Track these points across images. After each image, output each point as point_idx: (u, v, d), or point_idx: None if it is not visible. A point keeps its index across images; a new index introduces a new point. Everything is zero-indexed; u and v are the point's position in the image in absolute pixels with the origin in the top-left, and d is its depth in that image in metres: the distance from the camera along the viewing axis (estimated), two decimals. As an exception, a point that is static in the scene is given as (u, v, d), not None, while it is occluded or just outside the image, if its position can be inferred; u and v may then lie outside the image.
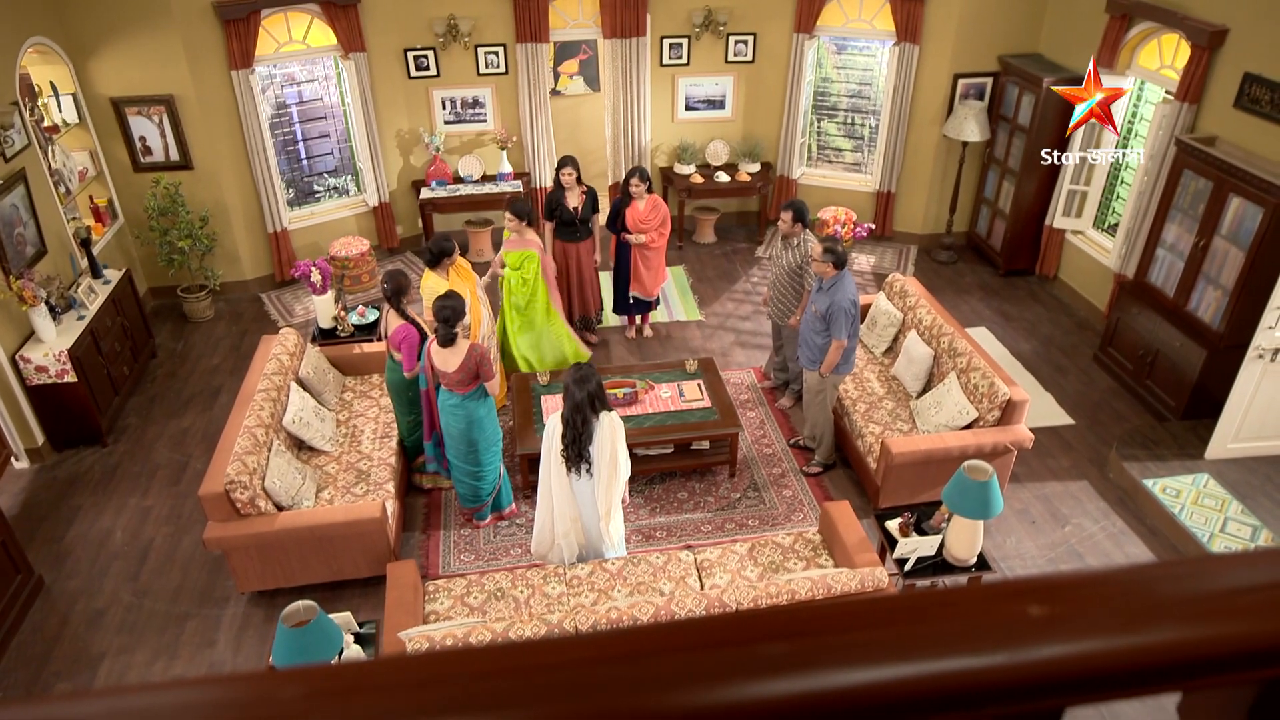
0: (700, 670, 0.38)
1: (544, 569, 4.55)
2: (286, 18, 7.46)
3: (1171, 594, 0.44)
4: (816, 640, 0.40)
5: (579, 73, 9.52)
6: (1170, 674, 0.42)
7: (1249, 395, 5.37)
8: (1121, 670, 0.41)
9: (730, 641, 0.40)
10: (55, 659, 4.60)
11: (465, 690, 0.41)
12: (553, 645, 0.41)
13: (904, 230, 8.86)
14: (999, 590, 0.44)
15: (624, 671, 0.39)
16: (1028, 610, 0.42)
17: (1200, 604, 0.43)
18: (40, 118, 6.66)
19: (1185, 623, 0.42)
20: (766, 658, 0.39)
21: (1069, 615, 0.42)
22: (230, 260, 7.86)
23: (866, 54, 8.47)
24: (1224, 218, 5.62)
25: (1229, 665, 0.43)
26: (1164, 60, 6.60)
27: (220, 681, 0.41)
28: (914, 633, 0.41)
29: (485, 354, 4.75)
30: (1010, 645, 0.40)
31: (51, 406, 5.91)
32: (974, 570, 4.45)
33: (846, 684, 0.38)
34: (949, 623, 0.41)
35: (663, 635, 0.40)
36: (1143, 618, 0.42)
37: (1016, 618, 0.42)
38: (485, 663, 0.43)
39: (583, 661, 0.39)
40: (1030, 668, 0.40)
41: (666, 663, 0.39)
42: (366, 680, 0.42)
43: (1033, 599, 0.43)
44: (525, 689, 0.41)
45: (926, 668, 0.39)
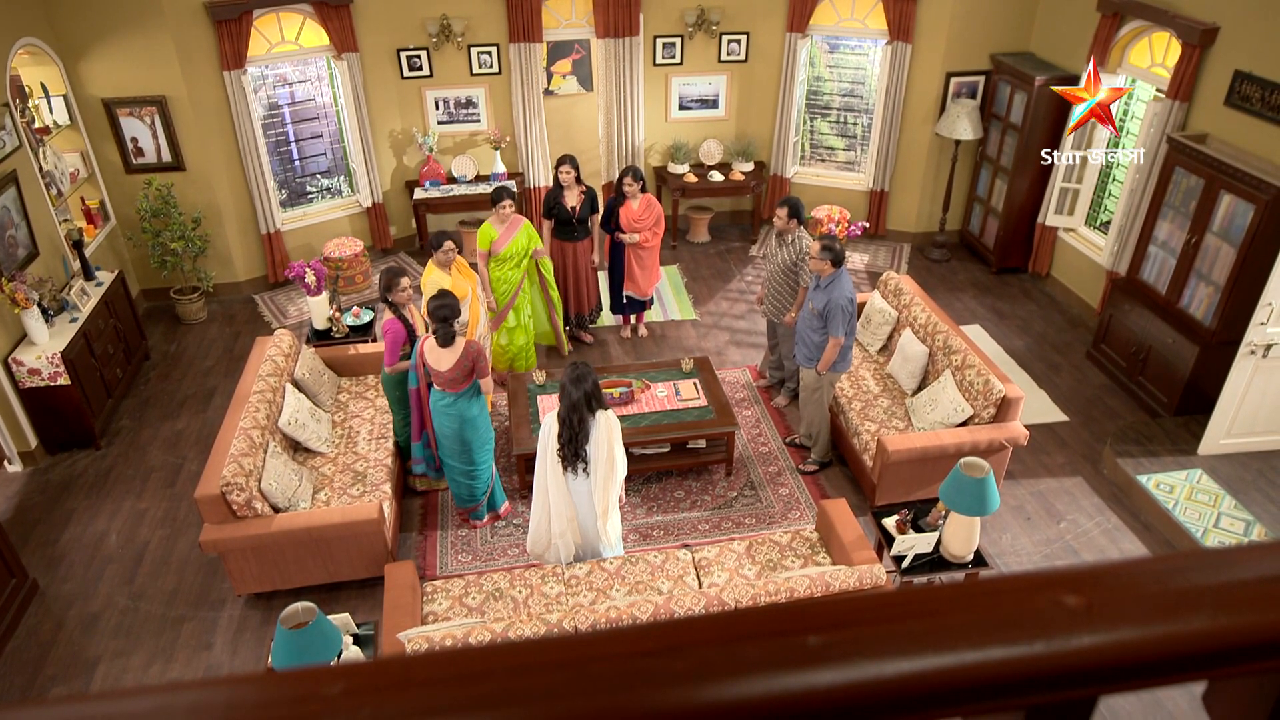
0: (738, 662, 0.38)
1: (542, 569, 4.54)
2: (278, 18, 7.43)
3: (1204, 582, 0.44)
4: (855, 631, 0.40)
5: (572, 72, 9.50)
6: (1203, 662, 0.42)
7: (1241, 391, 5.40)
8: (1156, 658, 0.42)
9: (771, 633, 0.40)
10: (50, 663, 4.57)
11: (497, 687, 0.41)
12: (558, 644, 0.42)
13: (897, 229, 8.89)
14: (1035, 580, 0.45)
15: (658, 664, 0.39)
16: (1064, 600, 0.42)
17: (1233, 592, 0.44)
18: (31, 119, 6.62)
19: (1218, 611, 0.43)
20: (807, 649, 0.39)
21: (1104, 604, 0.42)
22: (223, 262, 7.82)
23: (859, 53, 8.49)
24: (1215, 215, 5.66)
25: (1262, 653, 0.43)
26: (1155, 59, 6.63)
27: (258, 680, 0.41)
28: (953, 623, 0.41)
29: (481, 351, 4.75)
30: (1048, 635, 0.41)
31: (44, 409, 5.88)
32: (971, 567, 4.47)
33: (887, 675, 0.38)
34: (987, 612, 0.42)
35: (701, 627, 0.40)
36: (1177, 606, 0.43)
37: (1053, 607, 0.42)
38: (516, 658, 0.43)
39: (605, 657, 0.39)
40: (1068, 657, 0.41)
41: (709, 654, 0.39)
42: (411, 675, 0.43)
43: (1068, 589, 0.43)
44: (537, 687, 0.41)
45: (966, 657, 0.40)
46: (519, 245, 6.09)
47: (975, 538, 4.39)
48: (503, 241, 6.07)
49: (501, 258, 6.09)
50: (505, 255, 6.08)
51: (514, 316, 6.29)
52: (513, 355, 6.40)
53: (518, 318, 6.31)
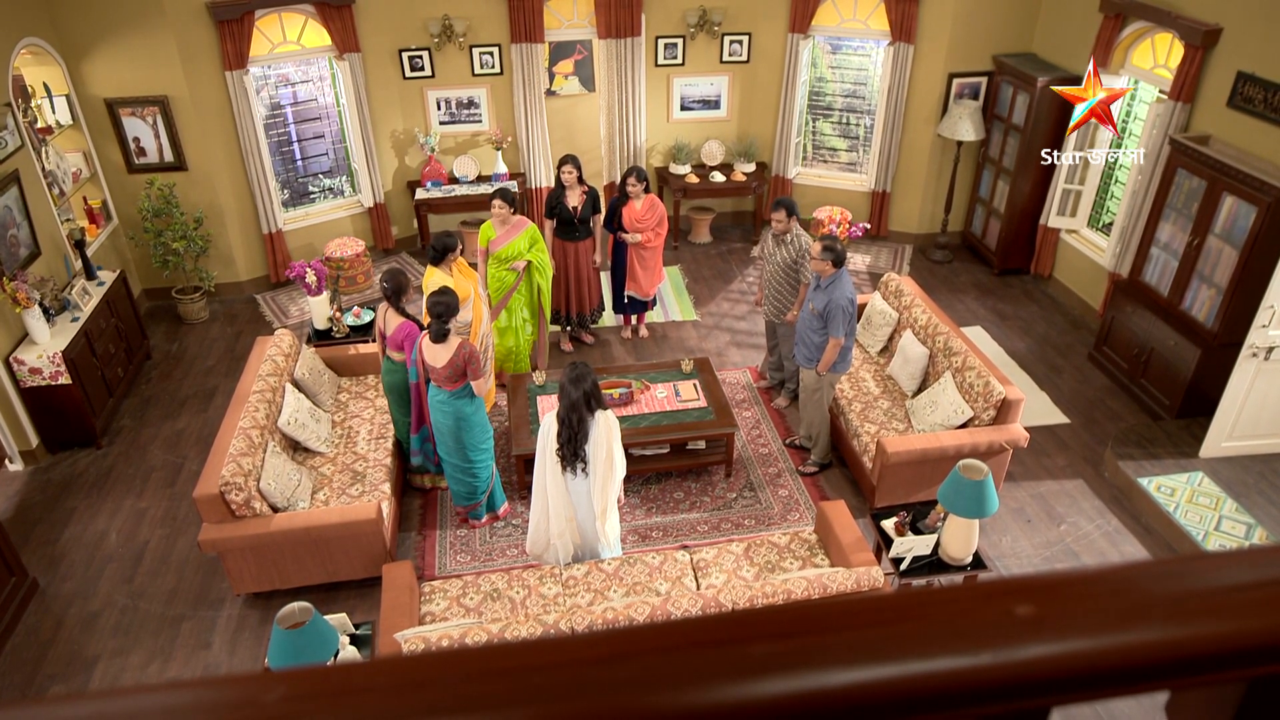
0: (683, 670, 0.38)
1: (540, 569, 4.54)
2: (280, 18, 7.44)
3: (1158, 593, 0.44)
4: (801, 641, 0.40)
5: (574, 73, 9.51)
6: (1157, 673, 0.42)
7: (1243, 393, 5.38)
8: (1108, 669, 0.41)
9: (716, 642, 0.40)
10: (49, 662, 4.58)
11: (459, 691, 0.41)
12: (498, 651, 0.41)
13: (899, 230, 8.87)
14: (986, 590, 0.44)
15: (606, 673, 0.39)
16: (1015, 610, 0.42)
17: (1187, 603, 0.43)
18: (34, 119, 6.64)
19: (1172, 622, 0.42)
20: (751, 658, 0.38)
21: (1056, 614, 0.42)
22: (225, 262, 7.84)
23: (861, 54, 8.48)
24: (1217, 216, 5.64)
25: (1216, 664, 0.43)
26: (1157, 59, 6.61)
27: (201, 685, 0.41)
28: (900, 632, 0.40)
29: (474, 352, 4.73)
30: (997, 645, 0.40)
31: (45, 409, 5.89)
32: (969, 569, 4.46)
33: (831, 685, 0.38)
34: (936, 622, 0.41)
35: (648, 636, 0.40)
36: (1129, 617, 0.42)
37: (1003, 617, 0.42)
38: (478, 663, 0.43)
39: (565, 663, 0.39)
40: (1016, 667, 0.40)
41: (652, 663, 0.39)
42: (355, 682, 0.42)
43: (1020, 598, 0.43)
44: (510, 690, 0.41)
45: (912, 668, 0.39)
46: (518, 248, 6.08)
47: (974, 540, 4.38)
48: (500, 242, 6.06)
49: (498, 257, 6.09)
50: (502, 255, 6.08)
51: (506, 317, 6.29)
52: (502, 355, 6.39)
53: (510, 319, 6.30)
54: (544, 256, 6.23)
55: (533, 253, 6.12)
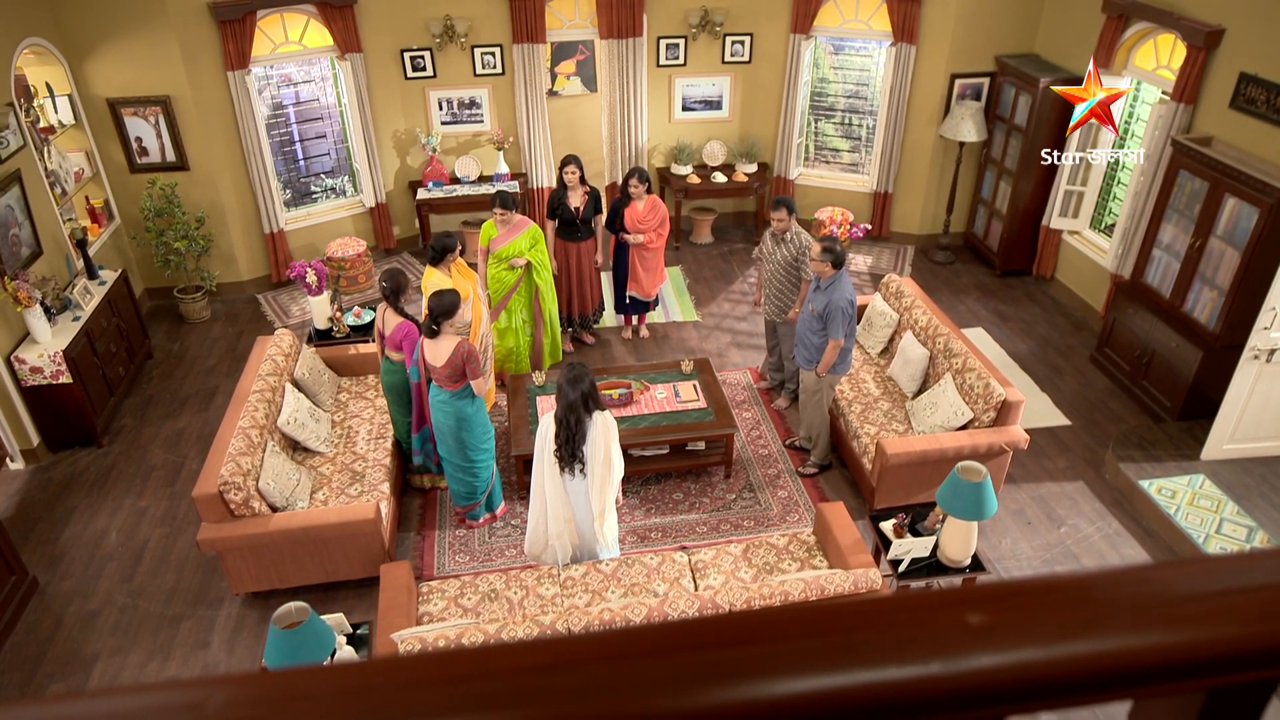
0: (622, 679, 0.38)
1: (538, 570, 4.54)
2: (282, 18, 7.45)
3: (1115, 602, 0.43)
4: (747, 650, 0.39)
5: (576, 73, 9.51)
6: (1111, 683, 0.41)
7: (1245, 396, 5.36)
8: (1060, 680, 0.41)
9: (659, 650, 0.39)
10: (49, 660, 4.59)
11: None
12: (433, 659, 0.41)
13: (901, 231, 8.85)
14: (940, 598, 0.44)
15: (545, 680, 0.39)
16: (966, 619, 0.41)
17: (1144, 612, 0.42)
18: (36, 119, 6.66)
19: (1128, 631, 0.42)
20: (695, 666, 0.38)
21: (1008, 624, 0.41)
22: (226, 261, 7.85)
23: (863, 54, 8.47)
24: (1220, 218, 5.61)
25: (1173, 674, 0.42)
26: (1160, 60, 6.59)
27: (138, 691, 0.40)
28: (848, 641, 0.40)
29: (473, 352, 4.72)
30: (946, 654, 0.40)
31: (46, 408, 5.91)
32: (968, 571, 4.45)
33: (775, 694, 0.37)
34: (885, 631, 0.41)
35: (589, 645, 0.40)
36: (1084, 626, 0.41)
37: (955, 627, 0.41)
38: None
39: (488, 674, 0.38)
40: (965, 678, 0.40)
41: (593, 671, 0.38)
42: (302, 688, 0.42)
43: (972, 607, 0.42)
44: (396, 706, 0.40)
45: (858, 677, 0.39)
46: (518, 248, 6.07)
47: (973, 542, 4.37)
48: (501, 241, 6.06)
49: (498, 256, 6.09)
50: (502, 255, 6.07)
51: (506, 318, 6.28)
52: (502, 356, 6.39)
53: (510, 320, 6.30)
54: (544, 257, 6.22)
55: (533, 253, 6.12)
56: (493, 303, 6.17)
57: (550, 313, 6.48)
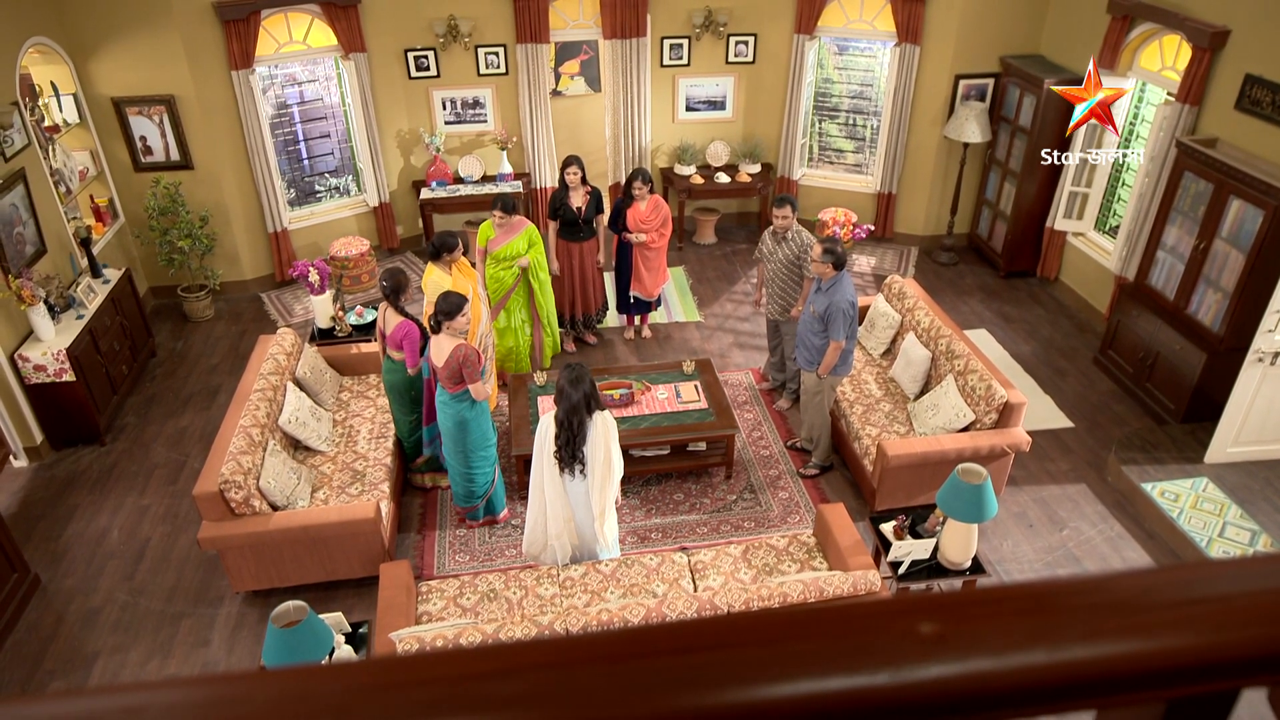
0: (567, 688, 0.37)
1: (537, 570, 4.54)
2: (287, 18, 7.47)
3: (1070, 611, 0.42)
4: (693, 658, 0.39)
5: (580, 73, 9.50)
6: (1065, 694, 0.41)
7: (1249, 399, 5.33)
8: (1012, 690, 0.40)
9: (606, 658, 0.39)
10: (50, 658, 4.61)
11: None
12: (374, 666, 0.41)
13: (905, 231, 8.83)
14: (893, 606, 0.43)
15: (487, 688, 0.38)
16: (918, 628, 0.41)
17: (1100, 622, 0.42)
18: (41, 117, 6.68)
19: (1083, 641, 0.41)
20: (642, 674, 0.37)
21: (961, 633, 0.41)
22: (230, 260, 7.87)
23: (868, 55, 8.45)
24: (1224, 220, 5.59)
25: (1130, 685, 0.42)
26: (1165, 61, 6.56)
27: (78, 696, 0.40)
28: (796, 650, 0.39)
29: (469, 356, 4.69)
30: (895, 664, 0.39)
31: (50, 405, 5.93)
32: (968, 574, 4.43)
33: (719, 704, 0.37)
34: (836, 639, 0.40)
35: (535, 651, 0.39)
36: (1038, 636, 0.41)
37: (906, 636, 0.40)
38: (338, 681, 0.42)
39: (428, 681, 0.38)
40: (914, 688, 0.39)
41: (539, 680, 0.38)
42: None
43: (925, 616, 0.41)
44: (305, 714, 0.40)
45: (801, 688, 0.38)
46: (516, 248, 6.07)
47: (973, 544, 4.35)
48: (498, 242, 6.06)
49: (496, 257, 6.09)
50: (500, 255, 6.08)
51: (505, 318, 6.29)
52: (502, 355, 6.39)
53: (509, 319, 6.31)
54: (542, 257, 6.23)
55: (531, 253, 6.12)
56: (492, 303, 6.17)
57: (548, 313, 6.48)
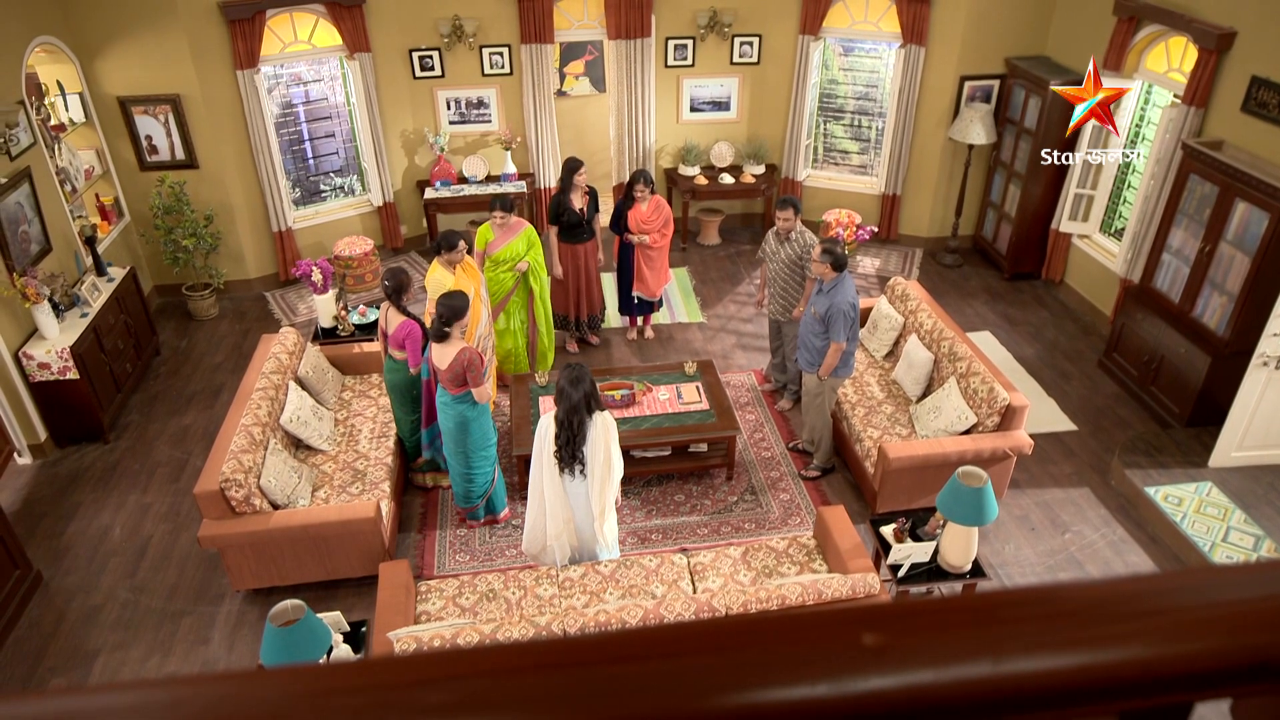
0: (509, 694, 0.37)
1: (537, 571, 4.54)
2: (292, 18, 7.49)
3: (1016, 623, 0.42)
4: (625, 667, 0.38)
5: (585, 73, 9.52)
6: (1009, 707, 0.40)
7: (1253, 403, 5.30)
8: (955, 703, 0.39)
9: (544, 665, 0.38)
10: (51, 654, 4.62)
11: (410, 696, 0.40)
12: (286, 674, 0.40)
13: (909, 233, 8.81)
14: (837, 617, 0.43)
15: (408, 696, 0.38)
16: (861, 638, 0.40)
17: (1047, 634, 0.41)
18: (47, 116, 6.71)
19: (1028, 654, 0.40)
20: (575, 684, 0.37)
21: (905, 645, 0.40)
22: (235, 259, 7.89)
23: (873, 56, 8.42)
24: (1230, 223, 5.55)
25: (1079, 698, 0.41)
26: (1171, 63, 6.53)
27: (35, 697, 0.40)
28: (733, 661, 0.39)
29: (474, 359, 4.70)
30: (835, 676, 0.39)
31: (54, 403, 5.95)
32: (969, 577, 4.41)
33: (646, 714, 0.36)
34: (777, 650, 0.40)
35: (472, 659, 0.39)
36: (982, 648, 0.40)
37: (848, 647, 0.40)
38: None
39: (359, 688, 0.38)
40: (852, 700, 0.38)
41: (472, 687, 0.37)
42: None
43: (870, 626, 0.41)
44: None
45: (736, 699, 0.38)
46: (515, 250, 6.08)
47: (973, 548, 4.33)
48: (498, 244, 6.06)
49: (496, 259, 6.09)
50: (500, 258, 6.08)
51: (504, 319, 6.29)
52: (501, 357, 6.39)
53: (509, 321, 6.31)
54: (541, 258, 6.23)
55: (530, 255, 6.12)
56: (491, 305, 6.17)
57: (545, 316, 6.48)
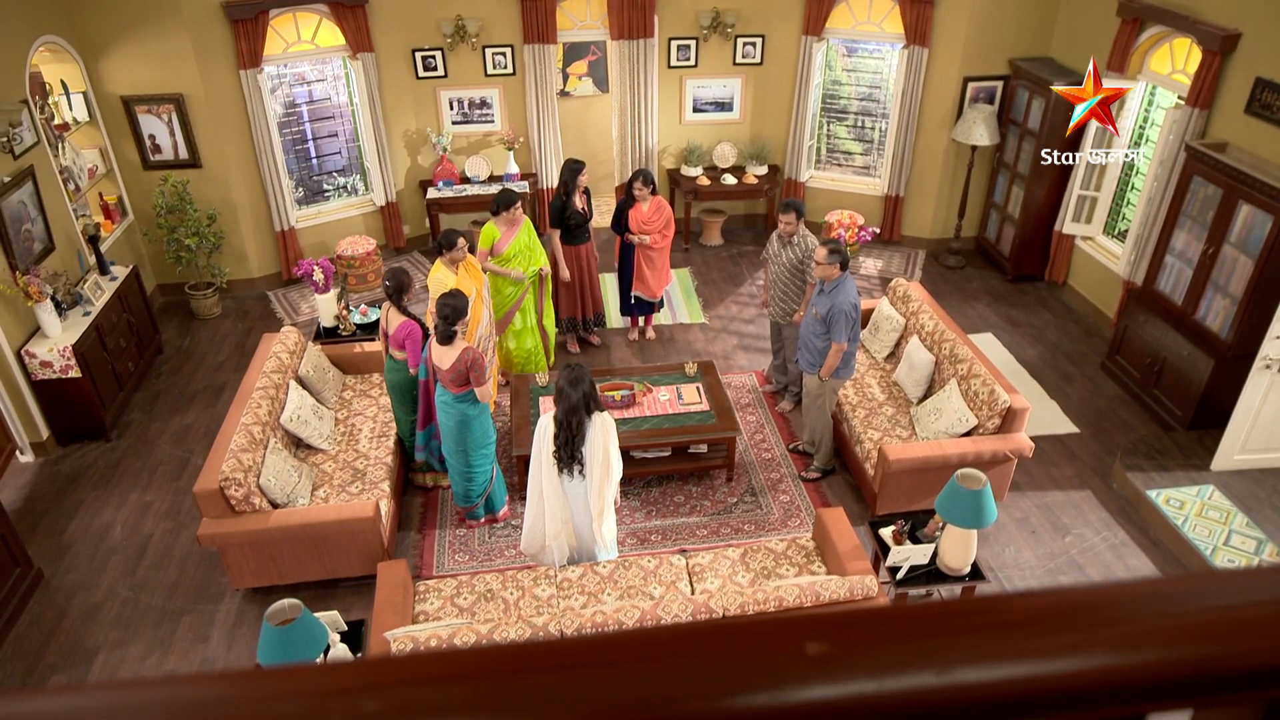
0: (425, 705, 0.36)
1: (535, 571, 4.53)
2: (295, 18, 7.50)
3: (966, 632, 0.41)
4: (562, 675, 0.38)
5: (588, 74, 9.52)
6: (954, 718, 0.40)
7: (1256, 406, 5.27)
8: (897, 713, 0.39)
9: (467, 675, 0.38)
10: (51, 652, 4.64)
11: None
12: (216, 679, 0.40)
13: (912, 235, 8.79)
14: (783, 625, 0.42)
15: (347, 705, 0.38)
16: (805, 648, 0.40)
17: (993, 644, 0.41)
18: (51, 115, 6.73)
19: (976, 664, 0.40)
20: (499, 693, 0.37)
21: (849, 654, 0.40)
22: (238, 258, 7.91)
23: (876, 56, 8.41)
24: (1233, 225, 5.53)
25: (1025, 709, 0.41)
26: (1176, 65, 6.50)
27: None
28: (666, 670, 0.39)
29: (478, 359, 4.72)
30: (775, 686, 0.38)
31: (56, 401, 5.97)
32: (968, 580, 4.40)
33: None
34: (712, 658, 0.39)
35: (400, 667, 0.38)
36: (927, 658, 0.40)
37: (791, 656, 0.39)
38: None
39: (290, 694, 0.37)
40: (790, 711, 0.38)
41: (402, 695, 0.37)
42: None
43: (814, 635, 0.40)
44: None
45: (672, 710, 0.37)
46: (520, 243, 6.08)
47: (972, 550, 4.32)
48: (504, 242, 6.06)
49: (505, 257, 6.08)
50: (507, 255, 6.07)
51: (520, 319, 6.28)
52: (523, 358, 6.38)
53: (524, 320, 6.30)
54: (541, 253, 6.24)
55: (532, 245, 6.13)
56: (503, 310, 6.17)
57: (549, 318, 6.49)
